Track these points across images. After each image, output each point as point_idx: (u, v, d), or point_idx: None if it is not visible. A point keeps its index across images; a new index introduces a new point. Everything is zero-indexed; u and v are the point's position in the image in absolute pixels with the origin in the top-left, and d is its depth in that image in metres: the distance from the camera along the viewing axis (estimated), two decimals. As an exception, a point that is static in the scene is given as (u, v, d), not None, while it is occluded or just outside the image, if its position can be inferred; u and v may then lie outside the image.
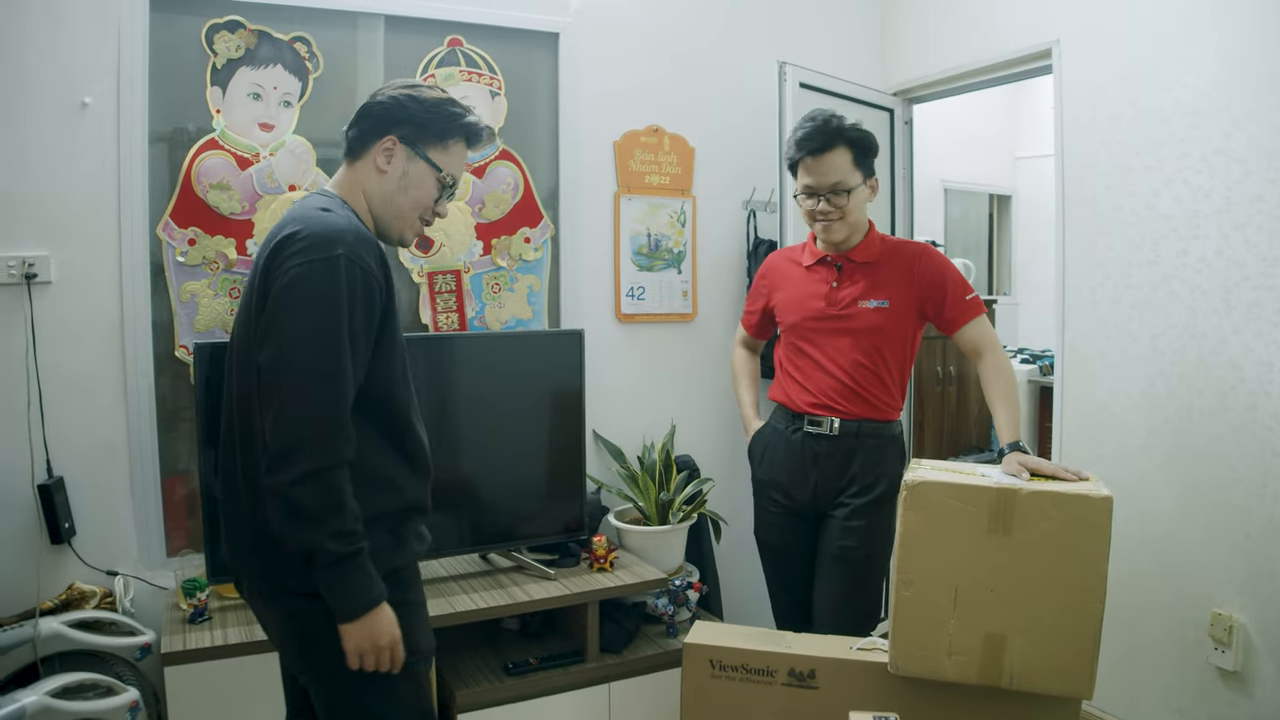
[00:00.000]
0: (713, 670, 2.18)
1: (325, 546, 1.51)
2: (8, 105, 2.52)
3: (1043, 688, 1.92)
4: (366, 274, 1.58)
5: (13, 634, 2.35)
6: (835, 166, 2.41)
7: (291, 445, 1.50)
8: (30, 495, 2.54)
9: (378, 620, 1.57)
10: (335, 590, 1.55)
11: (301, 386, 1.52)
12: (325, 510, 1.51)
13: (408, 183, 1.76)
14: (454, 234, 3.04)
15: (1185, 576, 2.74)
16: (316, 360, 1.53)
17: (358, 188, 1.76)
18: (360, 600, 1.55)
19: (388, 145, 1.74)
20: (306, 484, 1.49)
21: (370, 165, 1.75)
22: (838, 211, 2.43)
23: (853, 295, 2.47)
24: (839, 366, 2.47)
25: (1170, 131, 2.73)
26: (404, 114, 1.74)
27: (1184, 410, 2.73)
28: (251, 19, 2.75)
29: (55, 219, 2.58)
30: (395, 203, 1.76)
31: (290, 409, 1.51)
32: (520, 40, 3.15)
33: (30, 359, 2.55)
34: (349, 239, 1.58)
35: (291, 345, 1.53)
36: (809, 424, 2.51)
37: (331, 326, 1.53)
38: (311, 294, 1.54)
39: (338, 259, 1.55)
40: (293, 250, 1.56)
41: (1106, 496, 1.86)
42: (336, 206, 1.68)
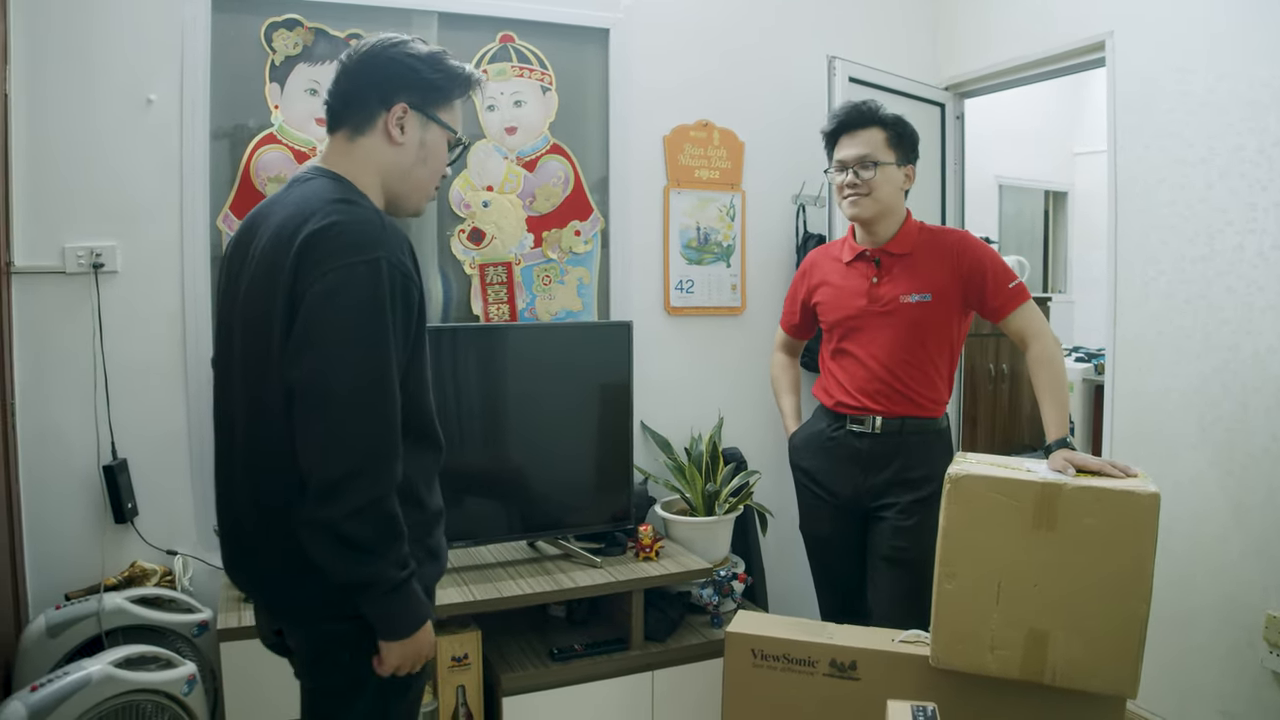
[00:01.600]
0: (754, 659, 2.19)
1: (386, 575, 1.41)
2: (78, 102, 2.62)
3: (1085, 685, 1.90)
4: (406, 278, 1.44)
5: (79, 607, 2.45)
6: (866, 141, 2.43)
7: (341, 476, 1.36)
8: (96, 476, 2.65)
9: (423, 635, 1.51)
10: (387, 614, 1.46)
11: (348, 412, 1.37)
12: (382, 540, 1.40)
13: (426, 153, 1.60)
14: (505, 227, 3.09)
15: (1238, 578, 2.69)
16: (364, 382, 1.38)
17: (368, 164, 1.57)
18: (411, 621, 1.47)
19: (399, 114, 1.55)
20: (361, 516, 1.37)
21: (379, 138, 1.55)
22: (865, 186, 2.42)
23: (894, 290, 2.44)
24: (881, 364, 2.45)
25: (1226, 123, 2.69)
26: (410, 75, 1.55)
27: (1239, 407, 2.68)
28: (309, 17, 2.82)
29: (121, 211, 2.68)
30: (415, 175, 1.60)
31: (336, 438, 1.37)
32: (571, 36, 3.18)
33: (97, 345, 2.64)
34: (387, 238, 1.43)
35: (334, 365, 1.38)
36: (851, 423, 2.50)
37: (378, 343, 1.39)
38: (354, 304, 1.38)
39: (378, 262, 1.39)
40: (327, 251, 1.40)
41: (1153, 494, 1.83)
42: (353, 194, 1.51)
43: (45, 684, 2.14)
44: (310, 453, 1.38)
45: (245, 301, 1.51)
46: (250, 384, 1.50)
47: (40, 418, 2.61)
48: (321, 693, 1.60)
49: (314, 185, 1.52)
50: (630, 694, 2.71)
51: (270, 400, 1.45)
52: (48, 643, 2.40)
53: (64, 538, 2.64)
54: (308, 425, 1.39)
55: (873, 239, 2.51)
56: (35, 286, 2.60)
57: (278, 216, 1.49)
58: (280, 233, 1.45)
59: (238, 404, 1.53)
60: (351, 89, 1.56)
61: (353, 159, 1.57)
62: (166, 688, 2.29)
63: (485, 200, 3.07)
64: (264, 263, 1.47)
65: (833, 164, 2.52)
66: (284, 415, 1.43)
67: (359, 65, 1.55)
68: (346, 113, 1.56)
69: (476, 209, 3.06)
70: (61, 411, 2.63)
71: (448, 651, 2.61)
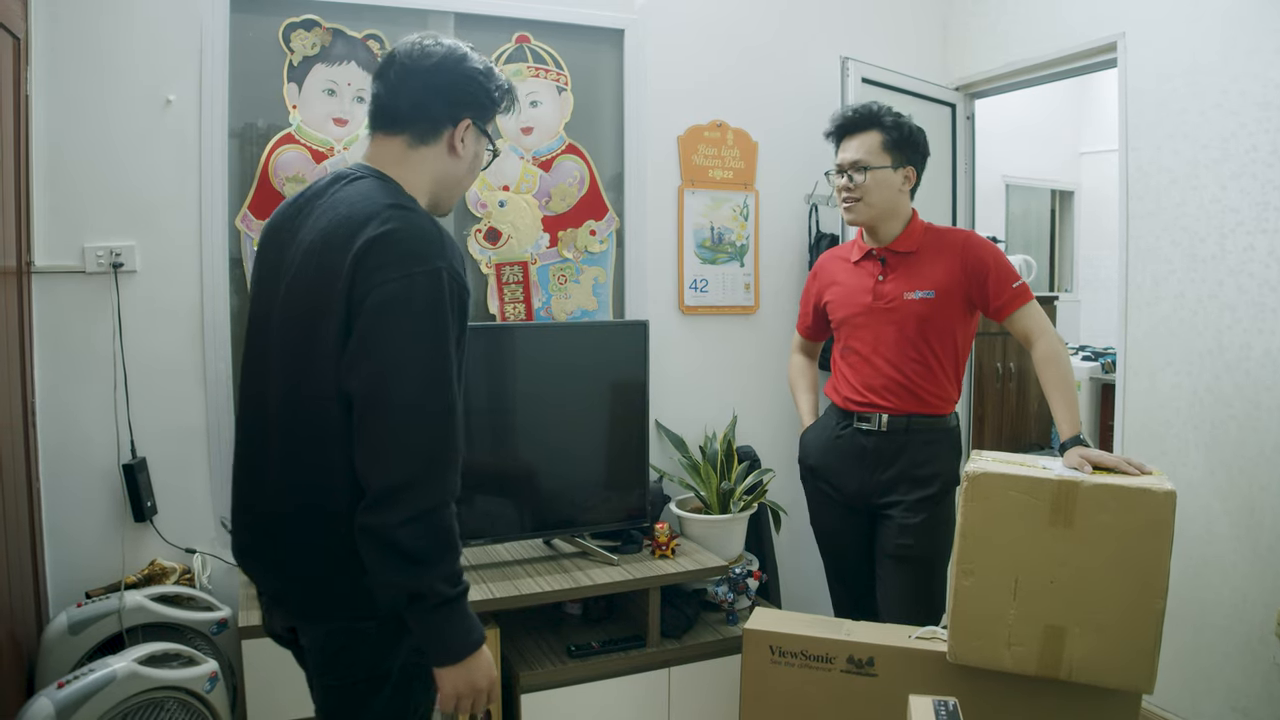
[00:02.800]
0: (772, 656, 2.21)
1: (434, 589, 1.38)
2: (97, 103, 2.64)
3: (1102, 681, 1.92)
4: (463, 290, 1.46)
5: (100, 605, 2.47)
6: (861, 144, 2.47)
7: (399, 484, 1.36)
8: (116, 474, 2.67)
9: (478, 662, 1.45)
10: (437, 633, 1.42)
11: (410, 420, 1.38)
12: (436, 552, 1.38)
13: (476, 164, 1.66)
14: (521, 226, 3.11)
15: (1251, 575, 2.71)
16: (426, 391, 1.39)
17: (424, 171, 1.59)
18: (464, 643, 1.43)
19: (465, 128, 1.59)
20: (417, 525, 1.36)
21: (443, 149, 1.59)
22: (857, 190, 2.45)
23: (897, 288, 2.47)
24: (887, 361, 2.47)
25: (1239, 124, 2.70)
26: (480, 93, 1.59)
27: (1251, 406, 2.70)
28: (327, 18, 2.84)
29: (141, 211, 2.70)
30: (463, 184, 1.66)
31: (398, 445, 1.37)
32: (586, 37, 3.20)
33: (117, 344, 2.66)
34: (447, 248, 1.45)
35: (397, 374, 1.38)
36: (859, 420, 2.52)
37: (440, 352, 1.40)
38: (417, 315, 1.39)
39: (439, 273, 1.41)
40: (389, 259, 1.40)
41: (1170, 491, 1.85)
42: (405, 198, 1.52)
43: (71, 681, 2.16)
44: (370, 459, 1.39)
45: (290, 296, 1.50)
46: (289, 376, 1.49)
47: (60, 417, 2.63)
48: (338, 689, 1.57)
49: (364, 186, 1.52)
50: (647, 691, 2.73)
51: (312, 396, 1.45)
52: (69, 640, 2.42)
53: (84, 536, 2.66)
54: (368, 432, 1.39)
55: (877, 239, 2.53)
56: (56, 286, 2.62)
57: (329, 215, 1.49)
58: (335, 232, 1.45)
59: (272, 396, 1.52)
60: (421, 99, 1.56)
61: (408, 165, 1.58)
62: (189, 685, 2.31)
63: (501, 200, 3.09)
64: (315, 261, 1.46)
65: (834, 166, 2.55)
66: (329, 415, 1.43)
67: (429, 75, 1.55)
68: (410, 120, 1.57)
69: (493, 209, 3.08)
70: (81, 410, 2.65)
71: (466, 648, 2.63)
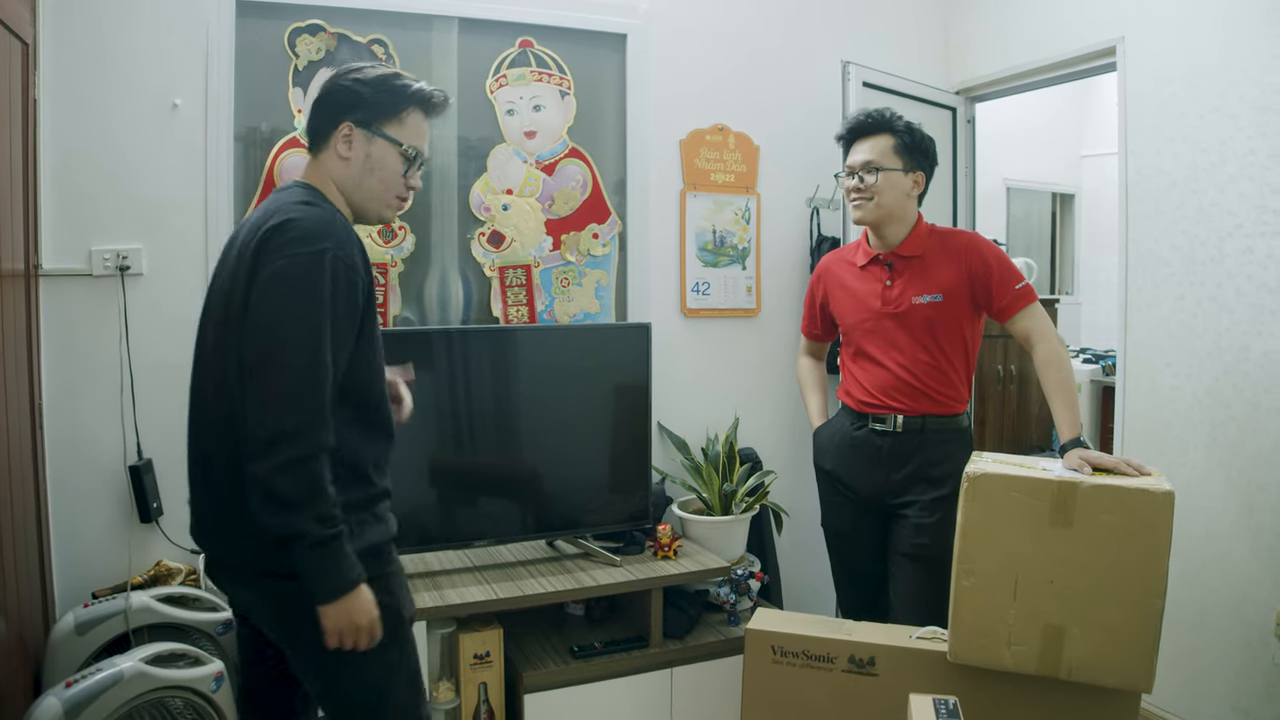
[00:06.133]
0: (774, 656, 2.22)
1: (307, 530, 1.54)
2: (104, 107, 2.66)
3: (1102, 680, 1.93)
4: (350, 269, 1.62)
5: (107, 606, 2.48)
6: (873, 147, 2.49)
7: (274, 434, 1.53)
8: (122, 476, 2.69)
9: (356, 601, 1.60)
10: (315, 573, 1.57)
11: (283, 378, 1.55)
12: (306, 496, 1.54)
13: (372, 164, 1.77)
14: (525, 230, 3.13)
15: (1249, 575, 2.72)
16: (299, 353, 1.56)
17: (327, 178, 1.78)
18: (340, 582, 1.58)
19: (345, 132, 1.75)
20: (288, 471, 1.52)
21: (333, 154, 1.76)
22: (868, 190, 2.48)
23: (906, 292, 2.49)
24: (898, 364, 2.49)
25: (1237, 128, 2.72)
26: (353, 98, 1.75)
27: (1250, 408, 2.71)
28: (332, 22, 2.86)
29: (147, 214, 2.72)
30: (365, 185, 1.77)
31: (272, 399, 1.54)
32: (589, 41, 3.22)
33: (123, 346, 2.68)
34: (337, 234, 1.63)
35: (275, 338, 1.57)
36: (874, 421, 2.53)
37: (313, 320, 1.57)
38: (296, 288, 1.58)
39: (323, 253, 1.59)
40: (280, 242, 1.60)
41: (1168, 491, 1.86)
42: (317, 200, 1.72)
43: (78, 680, 2.18)
44: (251, 414, 1.56)
45: (217, 290, 1.74)
46: (222, 360, 1.68)
47: (67, 418, 2.64)
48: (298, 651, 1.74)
49: (287, 191, 1.76)
50: (649, 691, 2.74)
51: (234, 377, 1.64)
52: (76, 640, 2.43)
53: (91, 537, 2.67)
54: (252, 389, 1.57)
55: (883, 243, 2.55)
56: (63, 289, 2.64)
57: (250, 219, 1.73)
58: (252, 229, 1.67)
59: (209, 381, 1.73)
60: (313, 115, 1.80)
61: (317, 173, 1.79)
62: (195, 685, 2.32)
63: (505, 204, 3.10)
64: (237, 255, 1.68)
65: (844, 168, 2.58)
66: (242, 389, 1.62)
67: (318, 95, 1.80)
68: (309, 133, 1.81)
69: (496, 212, 3.10)
70: (88, 412, 2.67)
71: (470, 649, 2.64)
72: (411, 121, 1.80)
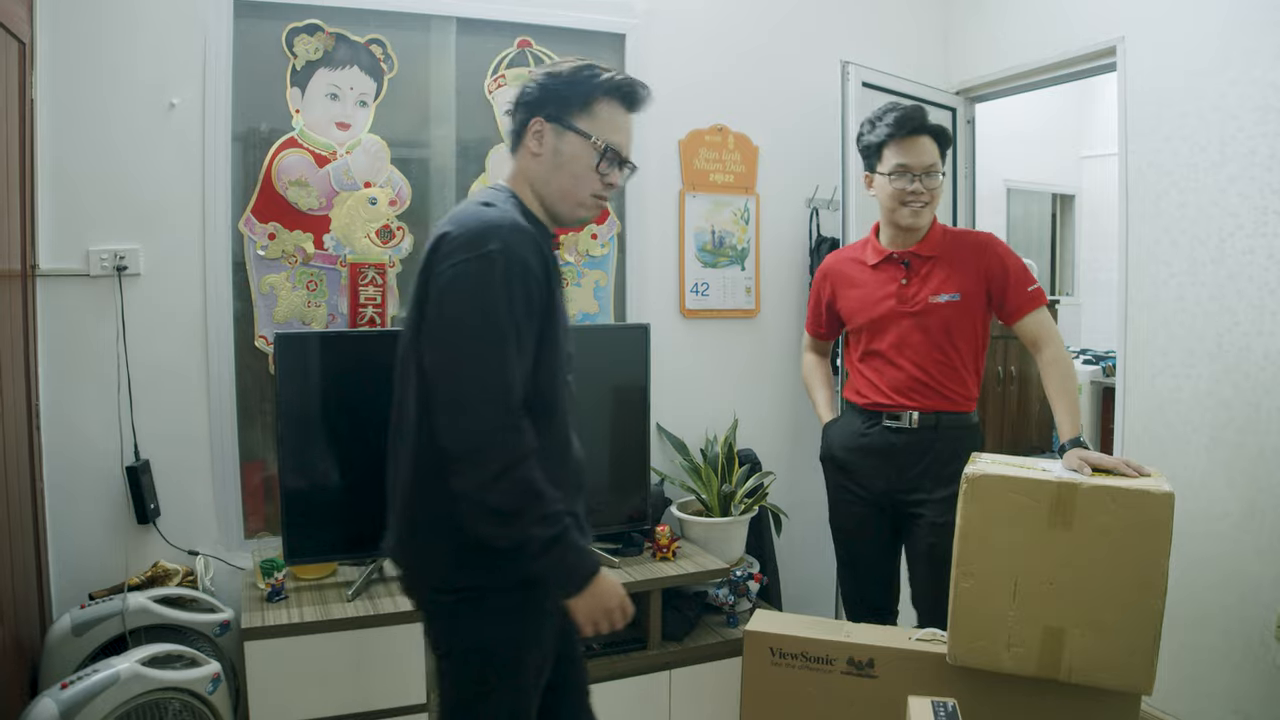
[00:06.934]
0: (773, 658, 2.21)
1: (532, 535, 1.54)
2: (102, 107, 2.66)
3: (1101, 682, 1.92)
4: (524, 270, 1.57)
5: (104, 607, 2.48)
6: (929, 149, 2.46)
7: (470, 449, 1.52)
8: (120, 476, 2.68)
9: (601, 586, 1.62)
10: (555, 571, 1.60)
11: (467, 388, 1.53)
12: (523, 503, 1.53)
13: (561, 159, 1.70)
14: (521, 230, 3.12)
15: (1249, 577, 2.71)
16: (479, 362, 1.53)
17: (521, 177, 1.75)
18: (580, 574, 1.60)
19: (536, 128, 1.70)
20: (498, 485, 1.51)
21: (526, 152, 1.73)
22: (929, 194, 2.45)
23: (924, 291, 2.48)
24: (914, 363, 2.48)
25: (1238, 127, 2.71)
26: (542, 92, 1.71)
27: (1250, 409, 2.71)
28: (330, 22, 2.86)
29: (144, 214, 2.72)
30: (555, 182, 1.72)
31: (459, 412, 1.52)
32: (588, 41, 3.22)
33: (120, 347, 2.68)
34: (504, 233, 1.57)
35: (453, 347, 1.54)
36: (887, 419, 2.52)
37: (491, 324, 1.53)
38: (467, 294, 1.54)
39: (490, 255, 1.54)
40: (446, 251, 1.58)
41: (1168, 492, 1.86)
42: (500, 199, 1.68)
43: (74, 681, 2.17)
44: (443, 431, 1.54)
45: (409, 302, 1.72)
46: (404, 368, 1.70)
47: (64, 419, 2.64)
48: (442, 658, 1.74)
49: (476, 194, 1.76)
50: (648, 692, 2.74)
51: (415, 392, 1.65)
52: (72, 641, 2.43)
53: (87, 538, 2.67)
54: (437, 401, 1.56)
55: (901, 242, 2.53)
56: (60, 289, 2.63)
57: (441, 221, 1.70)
58: (433, 236, 1.66)
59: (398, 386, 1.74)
60: (513, 114, 1.76)
61: (513, 174, 1.78)
62: (192, 686, 2.32)
63: (503, 204, 3.10)
64: (420, 266, 1.67)
65: (891, 168, 2.47)
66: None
67: (514, 94, 1.76)
68: (511, 136, 1.77)
69: (494, 212, 3.09)
70: (85, 413, 2.66)
71: (467, 650, 2.64)
72: (604, 113, 1.72)
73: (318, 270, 2.88)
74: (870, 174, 2.55)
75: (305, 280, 2.87)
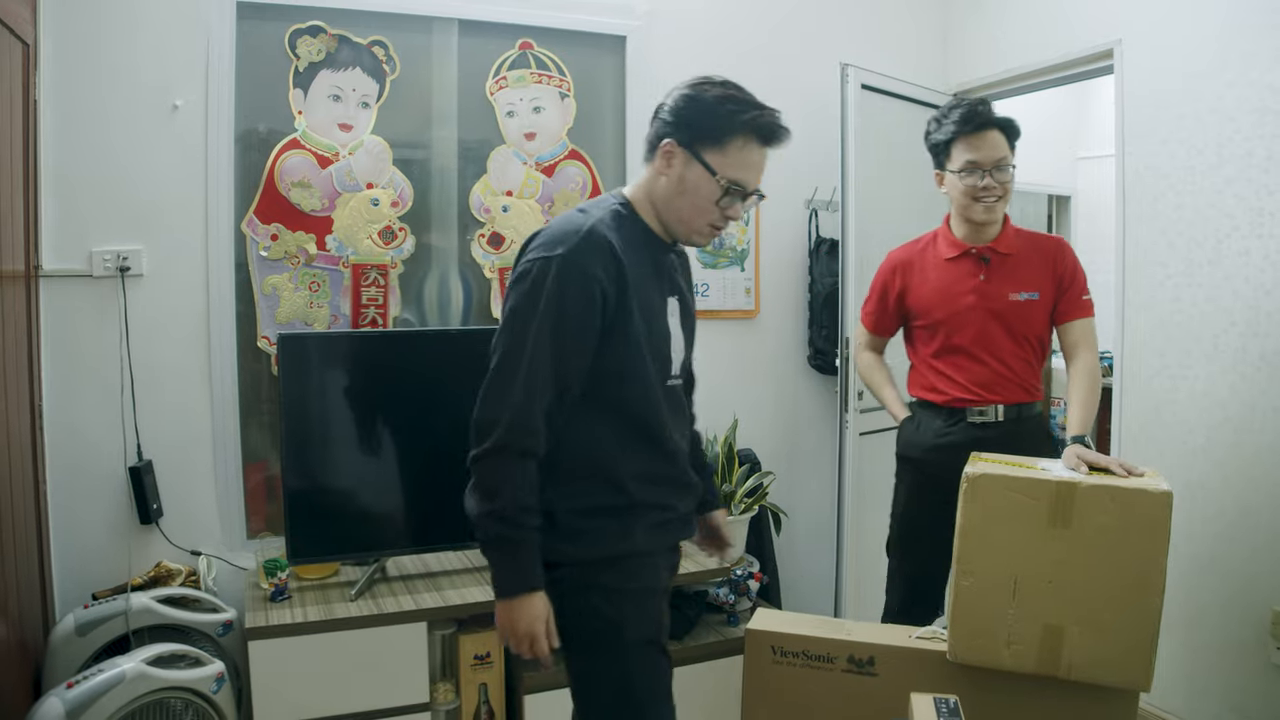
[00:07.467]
0: (774, 656, 2.22)
1: (482, 523, 1.60)
2: (105, 109, 2.67)
3: (1100, 679, 1.94)
4: (583, 276, 1.60)
5: (107, 607, 2.49)
6: (998, 143, 2.44)
7: (483, 422, 1.60)
8: (123, 477, 2.69)
9: (520, 608, 1.61)
10: (491, 566, 1.65)
11: (502, 372, 1.61)
12: (492, 489, 1.59)
13: (684, 187, 1.69)
14: (524, 231, 3.12)
15: (1246, 575, 2.73)
16: (508, 354, 1.61)
17: (646, 189, 1.76)
18: (505, 583, 1.62)
19: (667, 149, 1.69)
20: (486, 460, 1.60)
21: (655, 168, 1.73)
22: (1000, 188, 2.44)
23: (1002, 288, 2.48)
24: (996, 357, 2.49)
25: (1235, 129, 2.73)
26: (679, 115, 1.70)
27: (1246, 409, 2.73)
28: (332, 24, 2.87)
29: (147, 215, 2.73)
30: (675, 206, 1.72)
31: (489, 389, 1.62)
32: (589, 43, 3.23)
33: (124, 348, 2.69)
34: (576, 239, 1.62)
35: (503, 333, 1.63)
36: (972, 414, 2.51)
37: (539, 322, 1.59)
38: (520, 292, 1.62)
39: (553, 259, 1.60)
40: (527, 247, 1.68)
41: (1166, 491, 1.87)
42: (600, 207, 1.72)
43: (80, 681, 2.18)
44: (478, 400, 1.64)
45: None
46: None
47: (67, 420, 2.65)
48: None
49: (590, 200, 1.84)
50: (649, 691, 2.74)
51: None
52: (76, 641, 2.44)
53: (90, 538, 2.68)
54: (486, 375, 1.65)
55: (978, 238, 2.52)
56: (63, 290, 2.64)
57: None
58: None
59: None
60: (651, 123, 1.76)
61: (640, 181, 1.79)
62: (196, 685, 2.33)
63: (505, 205, 3.11)
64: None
65: (960, 165, 2.47)
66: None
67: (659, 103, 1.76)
68: (647, 143, 1.77)
69: (496, 213, 3.11)
70: (88, 413, 2.67)
71: (470, 650, 2.65)
72: (736, 150, 1.69)
73: (320, 271, 2.89)
74: (940, 172, 2.55)
75: (308, 281, 2.88)
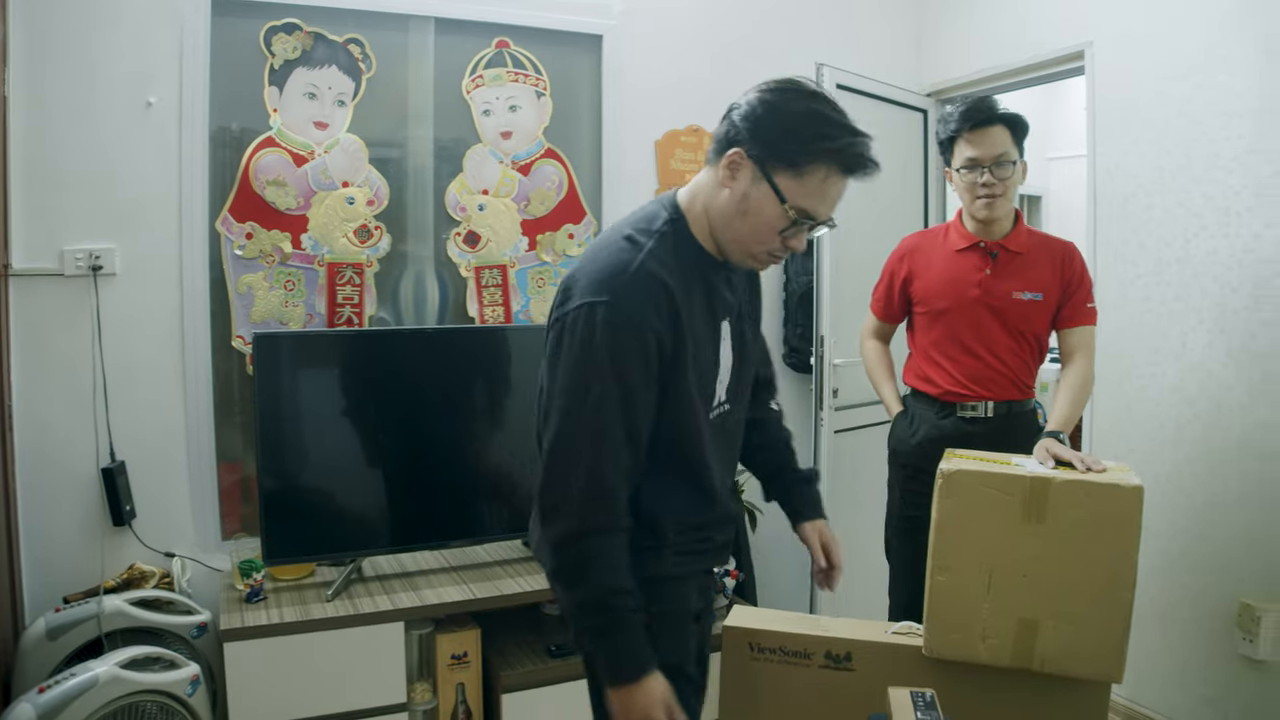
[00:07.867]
0: (751, 652, 2.23)
1: (574, 614, 1.45)
2: (77, 105, 2.64)
3: (1073, 671, 1.96)
4: (633, 327, 1.40)
5: (79, 610, 2.46)
6: (999, 140, 2.46)
7: (551, 505, 1.43)
8: (95, 478, 2.66)
9: (635, 695, 1.42)
10: (595, 656, 1.49)
11: (560, 448, 1.43)
12: (575, 578, 1.44)
13: (747, 206, 1.45)
14: (500, 230, 3.13)
15: (1214, 568, 2.77)
16: (575, 422, 1.41)
17: (703, 196, 1.52)
18: (613, 672, 1.44)
19: (734, 159, 1.44)
20: (562, 550, 1.43)
21: (717, 175, 1.48)
22: (1001, 185, 2.45)
23: (1009, 286, 2.49)
24: (992, 354, 2.50)
25: (1201, 131, 2.77)
26: (755, 125, 1.44)
27: (1213, 406, 2.77)
28: (308, 21, 2.85)
29: (120, 214, 2.70)
30: (732, 226, 1.48)
31: (550, 467, 1.44)
32: (565, 42, 3.24)
33: (96, 348, 2.66)
34: (621, 282, 1.41)
35: (553, 402, 1.44)
36: (962, 409, 2.53)
37: (591, 386, 1.40)
38: (570, 349, 1.41)
39: (596, 307, 1.39)
40: (562, 297, 1.46)
41: (1137, 486, 1.89)
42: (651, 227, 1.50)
43: (52, 685, 2.16)
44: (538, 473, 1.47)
45: None
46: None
47: (38, 420, 2.62)
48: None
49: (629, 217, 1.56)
50: (626, 689, 2.74)
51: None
52: (47, 645, 2.41)
53: (62, 540, 2.65)
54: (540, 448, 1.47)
55: (989, 232, 2.53)
56: (34, 289, 2.61)
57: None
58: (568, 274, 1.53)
59: None
60: (722, 122, 1.51)
61: (698, 183, 1.55)
62: (171, 688, 2.31)
63: (481, 204, 3.11)
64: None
65: (962, 161, 2.48)
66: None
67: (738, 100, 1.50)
68: (715, 143, 1.51)
69: (472, 212, 3.10)
70: (60, 414, 2.64)
71: (447, 650, 2.64)
72: (814, 179, 1.42)
73: (295, 270, 2.87)
74: (949, 169, 2.57)
75: (283, 280, 2.86)
